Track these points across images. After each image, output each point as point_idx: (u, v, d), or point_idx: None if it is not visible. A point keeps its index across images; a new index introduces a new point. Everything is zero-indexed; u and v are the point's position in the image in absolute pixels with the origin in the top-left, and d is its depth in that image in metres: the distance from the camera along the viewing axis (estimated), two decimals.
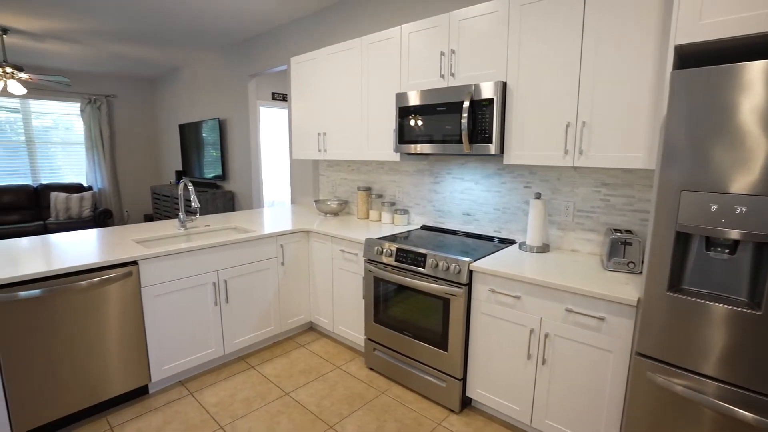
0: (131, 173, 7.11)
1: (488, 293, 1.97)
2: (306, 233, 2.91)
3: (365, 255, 2.47)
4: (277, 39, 4.06)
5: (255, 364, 2.67)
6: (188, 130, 5.81)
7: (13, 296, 1.80)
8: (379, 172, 3.18)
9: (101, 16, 3.73)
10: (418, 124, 2.38)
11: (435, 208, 2.85)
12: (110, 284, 2.07)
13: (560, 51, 1.87)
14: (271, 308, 2.78)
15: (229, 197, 4.98)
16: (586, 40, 1.78)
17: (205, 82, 5.42)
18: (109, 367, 2.12)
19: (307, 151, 3.28)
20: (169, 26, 4.05)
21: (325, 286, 2.88)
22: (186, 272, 2.32)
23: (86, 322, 2.02)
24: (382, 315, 2.44)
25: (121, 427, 2.09)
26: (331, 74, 2.98)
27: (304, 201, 3.98)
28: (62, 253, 2.13)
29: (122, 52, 5.08)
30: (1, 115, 5.96)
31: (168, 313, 2.29)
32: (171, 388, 2.41)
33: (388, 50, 2.59)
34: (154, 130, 7.27)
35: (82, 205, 5.92)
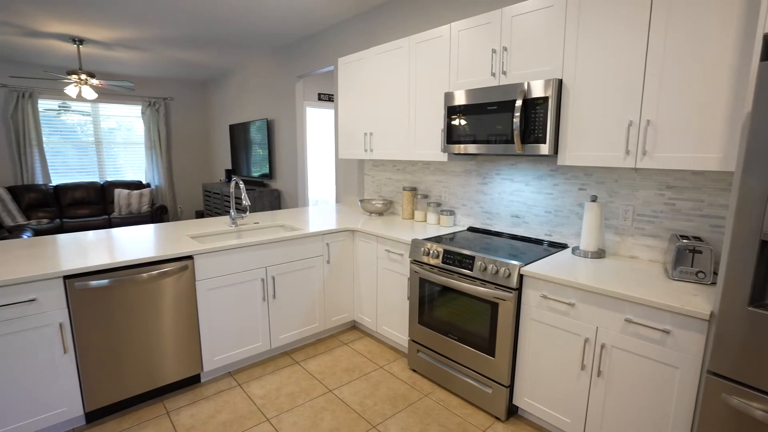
0: (185, 171, 7.50)
1: (539, 299, 1.90)
2: (351, 232, 2.94)
3: (411, 256, 2.45)
4: (324, 40, 4.12)
5: (299, 359, 2.72)
6: (238, 131, 6.04)
7: (86, 285, 1.94)
8: (425, 172, 3.15)
9: (163, 25, 3.95)
10: (467, 124, 2.33)
11: (482, 209, 2.78)
12: (168, 277, 2.18)
13: (623, 45, 1.76)
14: (316, 306, 2.83)
15: (276, 195, 5.13)
16: (653, 33, 1.67)
17: (255, 83, 5.61)
18: (165, 355, 2.24)
19: (353, 151, 3.30)
20: (222, 31, 4.22)
21: (369, 286, 2.90)
22: (237, 268, 2.41)
23: (146, 312, 2.14)
24: (427, 317, 2.41)
25: (177, 412, 2.20)
26: (378, 74, 2.99)
27: (348, 200, 4.02)
28: (126, 247, 2.27)
29: (179, 57, 5.36)
30: (75, 118, 6.48)
31: (220, 307, 2.39)
32: (221, 378, 2.51)
33: (437, 49, 2.55)
34: (205, 131, 7.63)
35: (141, 201, 6.31)
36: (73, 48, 4.88)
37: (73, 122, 6.47)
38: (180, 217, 7.49)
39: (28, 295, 1.80)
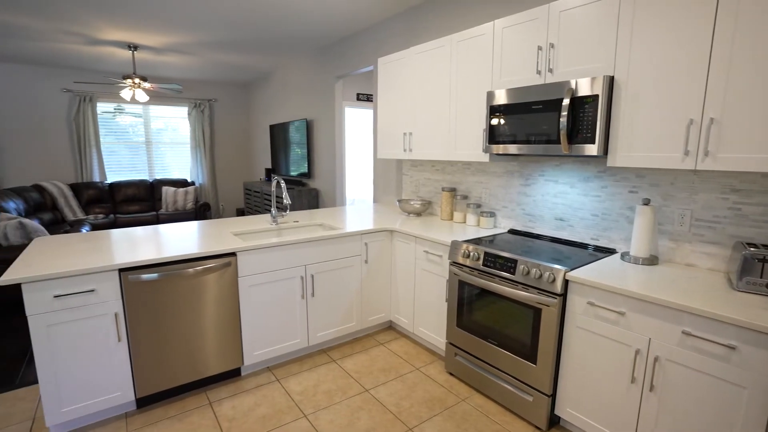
0: (227, 170, 7.78)
1: (586, 306, 1.81)
2: (390, 232, 2.93)
3: (450, 257, 2.41)
4: (364, 41, 4.15)
5: (336, 358, 2.75)
6: (277, 130, 6.19)
7: (138, 278, 2.04)
8: (465, 173, 3.10)
9: (210, 29, 4.11)
10: (510, 124, 2.27)
11: (524, 211, 2.70)
12: (212, 273, 2.26)
13: (684, 39, 1.65)
14: (353, 305, 2.85)
15: (314, 194, 5.21)
16: (719, 26, 1.55)
17: (295, 84, 5.72)
18: (208, 348, 2.32)
19: (391, 151, 3.30)
20: (265, 34, 4.33)
21: (406, 286, 2.88)
22: (278, 265, 2.46)
23: (191, 306, 2.23)
24: (466, 320, 2.37)
25: (219, 403, 2.28)
26: (419, 73, 2.96)
27: (386, 200, 4.02)
28: (174, 243, 2.38)
29: (224, 60, 5.56)
30: (128, 119, 6.87)
31: (260, 303, 2.45)
32: (260, 372, 2.57)
33: (479, 47, 2.50)
34: (247, 131, 7.88)
35: (186, 199, 6.60)
36: (128, 54, 5.17)
37: (126, 123, 6.86)
38: (222, 214, 7.77)
39: (88, 286, 1.92)
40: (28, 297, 1.80)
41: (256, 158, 7.66)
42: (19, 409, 2.25)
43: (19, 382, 2.51)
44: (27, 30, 4.19)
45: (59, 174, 6.38)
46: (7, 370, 2.66)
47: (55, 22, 3.91)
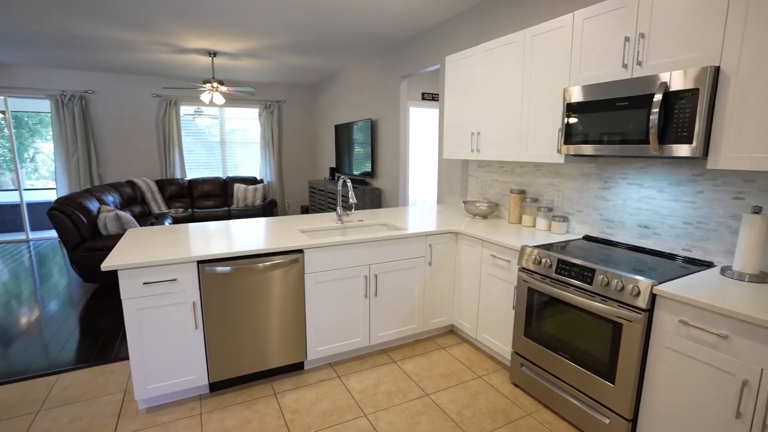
0: (293, 169, 8.10)
1: (677, 325, 1.63)
2: (455, 234, 2.86)
3: (520, 263, 2.30)
4: (430, 39, 4.09)
5: (396, 359, 2.73)
6: (342, 130, 6.32)
7: (213, 270, 2.16)
8: (535, 175, 2.94)
9: (281, 34, 4.28)
10: (589, 122, 2.11)
11: (602, 217, 2.50)
12: (280, 268, 2.34)
13: None
14: (415, 306, 2.82)
15: (377, 194, 5.25)
16: None
17: (360, 85, 5.81)
18: (274, 341, 2.41)
19: (458, 151, 3.22)
20: (333, 36, 4.43)
21: (470, 291, 2.79)
22: (342, 264, 2.49)
23: (260, 299, 2.32)
24: (534, 329, 2.24)
25: (283, 394, 2.35)
26: (488, 71, 2.86)
27: (450, 201, 3.94)
28: (246, 238, 2.49)
29: (293, 62, 5.78)
30: (205, 121, 7.40)
31: (325, 300, 2.50)
32: (322, 368, 2.62)
33: (556, 41, 2.35)
34: (312, 131, 8.15)
35: (255, 196, 6.97)
36: (208, 60, 5.56)
37: (203, 125, 7.40)
38: (287, 211, 8.11)
39: (171, 275, 2.07)
40: (123, 282, 1.98)
41: (320, 157, 7.90)
42: (114, 381, 2.49)
43: (114, 357, 2.78)
44: (125, 43, 4.65)
45: (147, 171, 7.03)
46: (104, 345, 2.96)
47: (148, 34, 4.30)
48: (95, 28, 4.09)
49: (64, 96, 6.29)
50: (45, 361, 2.76)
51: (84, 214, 4.09)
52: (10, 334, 3.20)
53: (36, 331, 3.25)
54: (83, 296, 3.99)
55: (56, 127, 6.34)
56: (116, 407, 2.24)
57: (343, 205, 5.53)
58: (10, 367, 2.70)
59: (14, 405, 2.29)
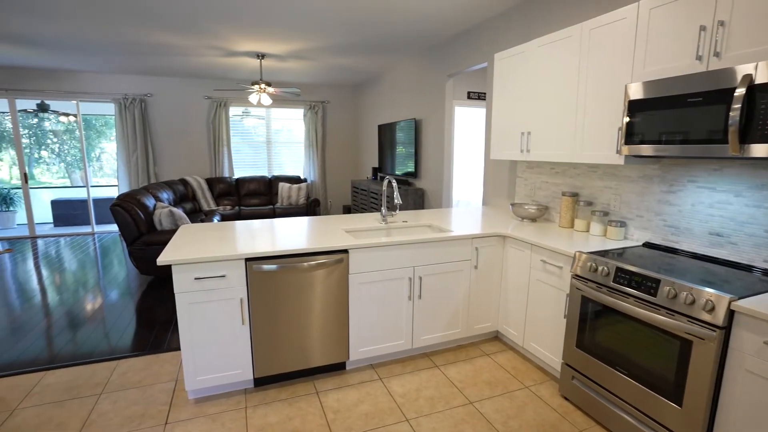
0: (335, 168, 8.20)
1: (761, 347, 1.46)
2: (502, 238, 2.76)
3: (574, 270, 2.17)
4: (477, 37, 3.98)
5: (439, 363, 2.67)
6: (385, 130, 6.31)
7: (260, 268, 2.20)
8: (590, 177, 2.78)
9: (327, 35, 4.33)
10: (654, 121, 1.95)
11: (665, 222, 2.31)
12: (325, 268, 2.34)
13: None
14: (459, 311, 2.74)
15: (420, 194, 5.20)
16: None
17: (404, 84, 5.77)
18: (317, 340, 2.42)
19: (506, 152, 3.10)
20: (378, 35, 4.42)
21: (517, 297, 2.68)
22: (387, 265, 2.47)
23: (304, 298, 2.34)
24: (588, 341, 2.10)
25: (325, 393, 2.36)
26: (540, 68, 2.73)
27: (496, 203, 3.82)
28: (291, 237, 2.52)
29: (338, 63, 5.84)
30: (253, 122, 7.65)
31: (368, 301, 2.48)
32: (363, 369, 2.61)
33: (617, 34, 2.19)
34: (355, 131, 8.20)
35: (299, 195, 7.11)
36: (256, 62, 5.72)
37: (250, 125, 7.65)
38: (330, 210, 8.22)
39: (221, 272, 2.13)
40: (176, 277, 2.05)
41: (363, 157, 7.95)
42: (166, 370, 2.60)
43: (166, 347, 2.91)
44: (180, 48, 4.88)
45: (198, 169, 7.36)
46: (158, 335, 3.11)
47: (200, 39, 4.48)
48: (155, 35, 4.32)
49: (126, 99, 6.71)
50: (107, 346, 2.95)
51: (142, 210, 4.33)
52: (78, 319, 3.45)
53: (99, 318, 3.47)
54: (139, 287, 4.23)
55: (119, 129, 6.78)
56: (168, 396, 2.33)
57: (387, 206, 5.52)
58: (78, 349, 2.91)
59: (81, 386, 2.44)
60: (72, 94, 6.59)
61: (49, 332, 3.22)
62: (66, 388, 2.42)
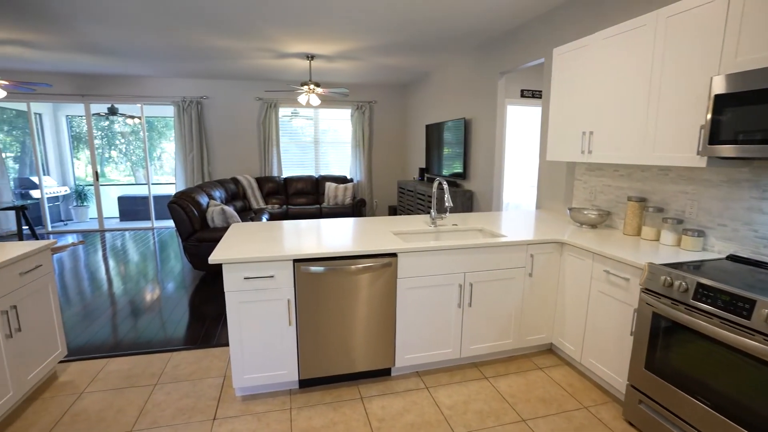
0: (382, 168, 8.18)
1: None
2: (560, 245, 2.58)
3: (644, 283, 1.96)
4: (532, 32, 3.78)
5: (488, 375, 2.54)
6: (433, 130, 6.20)
7: (308, 269, 2.18)
8: (661, 180, 2.53)
9: (376, 34, 4.29)
10: (749, 117, 1.71)
11: (756, 233, 2.04)
12: (372, 271, 2.28)
13: None
14: (511, 320, 2.59)
15: (468, 196, 5.04)
16: None
17: (453, 83, 5.63)
18: (363, 345, 2.37)
19: (565, 153, 2.91)
20: (428, 34, 4.32)
21: (576, 309, 2.49)
22: (436, 270, 2.37)
23: (350, 302, 2.30)
24: (660, 363, 1.90)
25: (369, 399, 2.30)
26: (606, 62, 2.52)
27: (551, 207, 3.61)
28: (339, 238, 2.49)
29: (386, 63, 5.80)
30: (301, 122, 7.79)
31: (416, 307, 2.40)
32: (409, 376, 2.53)
33: (702, 20, 1.96)
34: (402, 131, 8.14)
35: (345, 194, 7.15)
36: (306, 63, 5.81)
37: (298, 126, 7.80)
38: (375, 210, 8.21)
39: (269, 272, 2.13)
40: (226, 276, 2.08)
41: (410, 158, 7.87)
42: (216, 365, 2.66)
43: (216, 342, 2.99)
44: (234, 51, 5.04)
45: (248, 169, 7.60)
46: (208, 329, 3.21)
47: (254, 41, 4.60)
48: (212, 39, 4.48)
49: (184, 102, 7.05)
50: (163, 337, 3.09)
51: (196, 207, 4.51)
52: (139, 309, 3.65)
53: (157, 309, 3.65)
54: (193, 282, 4.40)
55: (177, 130, 7.14)
56: (216, 391, 2.38)
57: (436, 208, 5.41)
58: (139, 338, 3.09)
59: (138, 375, 2.55)
60: (137, 98, 7.02)
61: (114, 320, 3.43)
62: (125, 376, 2.54)
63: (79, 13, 3.70)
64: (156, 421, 2.13)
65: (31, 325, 2.26)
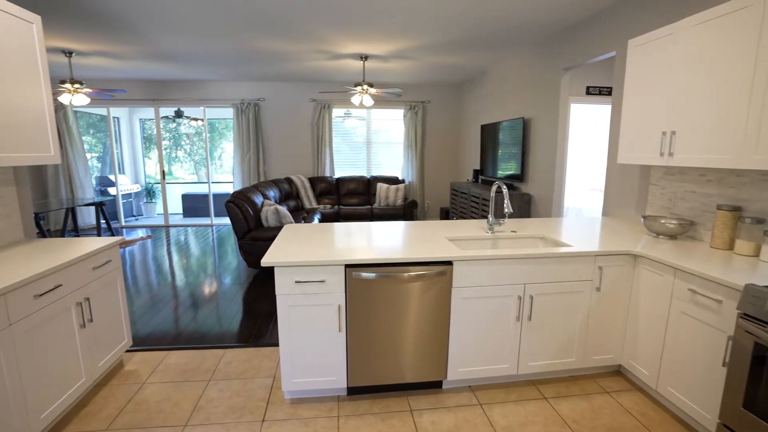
0: (434, 169, 8.02)
1: None
2: (633, 257, 2.32)
3: (742, 307, 1.70)
4: (602, 23, 3.48)
5: (548, 395, 2.34)
6: (489, 130, 5.96)
7: (359, 275, 2.12)
8: (762, 187, 2.20)
9: (431, 32, 4.16)
10: None
11: None
12: (426, 279, 2.18)
13: None
14: (575, 337, 2.38)
15: (526, 200, 4.77)
16: None
17: (511, 82, 5.37)
18: (413, 355, 2.27)
19: (639, 155, 2.63)
20: (486, 30, 4.13)
21: (651, 329, 2.23)
22: (494, 280, 2.22)
23: (401, 310, 2.20)
24: (764, 403, 1.63)
25: (419, 413, 2.20)
26: (696, 51, 2.23)
27: (621, 214, 3.30)
28: (390, 243, 2.41)
29: (440, 61, 5.65)
30: (353, 122, 7.83)
31: (471, 318, 2.26)
32: (461, 391, 2.40)
33: None
34: (456, 131, 7.93)
35: (396, 196, 7.08)
36: (359, 64, 5.80)
37: (350, 126, 7.84)
38: (426, 212, 8.08)
39: (320, 276, 2.09)
40: (278, 279, 2.07)
41: (463, 159, 7.65)
42: (266, 366, 2.68)
43: (267, 341, 3.03)
44: (290, 54, 5.13)
45: (301, 169, 7.76)
46: (260, 328, 3.27)
47: (308, 43, 4.65)
48: (269, 43, 4.59)
49: (243, 104, 7.34)
50: (219, 331, 3.20)
51: (251, 207, 4.64)
52: (198, 302, 3.82)
53: (214, 303, 3.80)
54: (247, 278, 4.53)
55: (235, 131, 7.44)
56: (266, 392, 2.39)
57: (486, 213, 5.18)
58: (197, 330, 3.23)
59: (194, 369, 2.63)
60: (200, 101, 7.41)
61: (175, 312, 3.61)
62: (182, 370, 2.63)
63: (153, 25, 3.92)
64: (209, 417, 2.17)
65: (101, 316, 2.39)
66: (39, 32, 2.27)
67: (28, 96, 2.20)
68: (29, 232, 2.61)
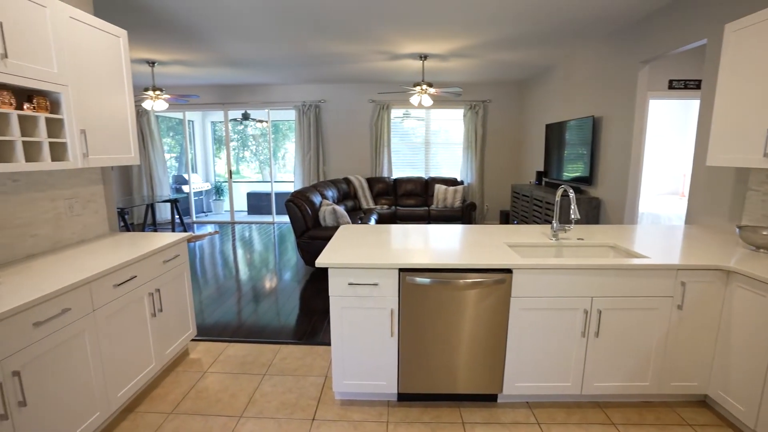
0: (494, 171, 7.75)
1: None
2: (725, 273, 2.04)
3: None
4: (687, 8, 3.12)
5: (617, 421, 2.13)
6: (554, 130, 5.63)
7: (413, 280, 2.07)
8: None
9: (491, 28, 3.99)
10: None
11: None
12: (483, 287, 2.07)
13: None
14: (650, 359, 2.14)
15: (594, 204, 4.43)
16: None
17: (579, 78, 5.02)
18: (467, 365, 2.17)
19: (737, 155, 2.31)
20: (550, 23, 3.88)
21: (749, 357, 1.94)
22: (558, 291, 2.06)
23: (456, 317, 2.12)
24: None
25: (472, 426, 2.10)
26: None
27: (710, 222, 2.94)
28: (447, 248, 2.33)
29: (501, 59, 5.42)
30: (412, 123, 7.78)
31: (531, 331, 2.12)
32: (518, 407, 2.26)
33: None
34: (518, 131, 7.60)
35: (455, 197, 6.93)
36: (418, 64, 5.74)
37: (408, 127, 7.79)
38: (486, 215, 7.83)
39: (374, 279, 2.07)
40: (332, 280, 2.07)
41: (526, 160, 7.31)
42: (318, 364, 2.72)
43: (321, 340, 3.07)
44: (350, 55, 5.20)
45: (360, 169, 7.85)
46: (314, 325, 3.33)
47: (368, 45, 4.67)
48: (330, 45, 4.67)
49: (304, 106, 7.57)
50: (276, 326, 3.33)
51: (310, 206, 4.75)
52: (258, 296, 4.00)
53: (273, 298, 3.95)
54: (304, 276, 4.66)
55: (297, 132, 7.71)
56: (317, 391, 2.41)
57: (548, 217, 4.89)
58: (256, 323, 3.37)
59: (251, 362, 2.74)
60: (265, 104, 7.77)
61: (238, 304, 3.79)
62: (240, 363, 2.73)
63: (223, 33, 4.16)
64: (262, 411, 2.23)
65: (170, 306, 2.55)
66: (125, 45, 2.48)
67: (114, 103, 2.41)
68: (113, 226, 2.86)
